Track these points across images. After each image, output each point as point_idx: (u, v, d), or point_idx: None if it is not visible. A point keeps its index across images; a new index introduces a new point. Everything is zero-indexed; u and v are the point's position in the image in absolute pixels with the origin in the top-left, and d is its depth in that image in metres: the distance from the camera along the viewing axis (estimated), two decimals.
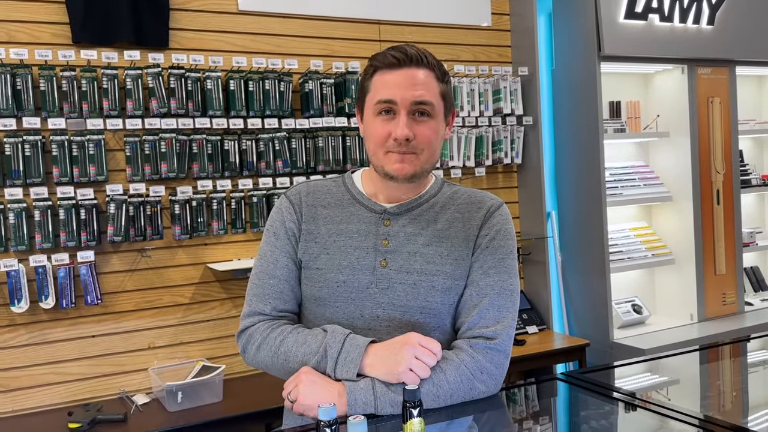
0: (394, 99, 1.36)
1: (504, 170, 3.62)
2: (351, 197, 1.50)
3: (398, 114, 1.37)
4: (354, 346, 1.33)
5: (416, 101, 1.36)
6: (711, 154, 3.76)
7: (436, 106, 1.39)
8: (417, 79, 1.37)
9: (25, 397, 2.62)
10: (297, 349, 1.38)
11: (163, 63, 2.73)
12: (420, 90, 1.37)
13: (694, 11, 3.63)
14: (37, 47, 2.58)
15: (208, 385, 2.60)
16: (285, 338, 1.41)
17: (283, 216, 1.50)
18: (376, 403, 1.29)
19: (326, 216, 1.48)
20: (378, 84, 1.39)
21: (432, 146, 1.41)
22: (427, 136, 1.38)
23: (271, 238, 1.50)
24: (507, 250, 1.44)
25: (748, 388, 1.64)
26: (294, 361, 1.38)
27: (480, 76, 3.42)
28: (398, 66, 1.37)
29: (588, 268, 3.58)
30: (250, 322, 1.47)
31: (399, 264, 1.42)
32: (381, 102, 1.38)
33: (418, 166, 1.40)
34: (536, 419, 1.46)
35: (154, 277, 2.82)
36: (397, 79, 1.37)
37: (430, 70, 1.39)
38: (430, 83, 1.39)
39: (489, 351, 1.37)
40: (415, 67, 1.37)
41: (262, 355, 1.43)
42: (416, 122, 1.38)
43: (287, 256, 1.48)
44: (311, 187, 1.53)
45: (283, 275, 1.47)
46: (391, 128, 1.37)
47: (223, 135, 2.87)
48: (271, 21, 3.03)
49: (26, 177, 2.54)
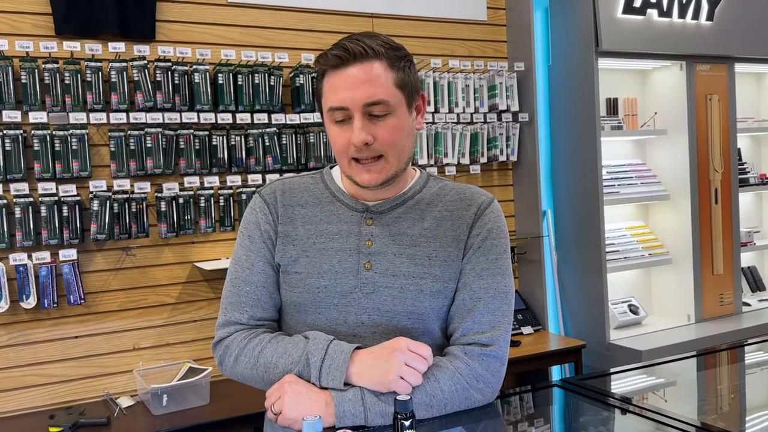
0: (344, 105, 1.25)
1: (499, 168, 3.56)
2: (330, 195, 1.40)
3: (353, 119, 1.26)
4: (338, 353, 1.25)
5: (367, 102, 1.25)
6: (709, 153, 3.72)
7: (392, 102, 1.27)
8: (364, 77, 1.24)
9: (6, 399, 2.54)
10: (277, 359, 1.30)
11: (149, 56, 2.65)
12: (369, 89, 1.24)
13: (693, 7, 3.57)
14: (18, 38, 2.49)
15: (195, 388, 2.53)
16: (264, 348, 1.32)
17: (258, 217, 1.40)
18: (366, 414, 1.22)
19: (304, 216, 1.39)
20: (327, 88, 1.29)
21: (397, 145, 1.30)
22: (387, 137, 1.27)
23: (246, 242, 1.40)
24: (500, 250, 1.36)
25: (748, 395, 1.59)
26: (275, 372, 1.29)
27: (475, 72, 3.35)
28: (342, 65, 1.25)
29: (584, 268, 3.52)
30: (226, 333, 1.38)
31: (384, 266, 1.34)
32: (333, 110, 1.27)
33: (389, 171, 1.30)
34: (534, 428, 1.39)
35: (140, 276, 2.74)
36: (344, 81, 1.25)
37: (379, 60, 1.26)
38: (381, 77, 1.25)
39: (485, 358, 1.30)
40: (359, 63, 1.25)
41: (241, 367, 1.34)
42: (373, 124, 1.27)
43: (263, 261, 1.39)
44: (287, 185, 1.43)
45: (260, 281, 1.38)
46: (348, 135, 1.27)
47: (211, 130, 2.79)
48: (262, 13, 2.95)
49: (6, 173, 2.45)
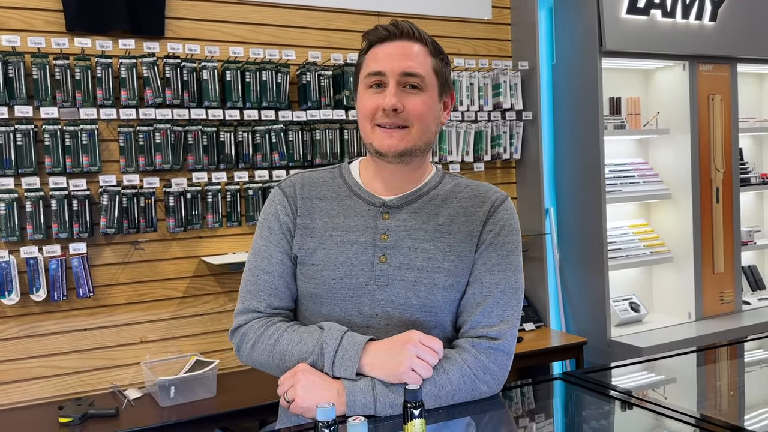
0: (383, 70, 1.33)
1: (503, 166, 3.59)
2: (348, 189, 1.45)
3: (388, 85, 1.33)
4: (352, 344, 1.29)
5: (405, 72, 1.33)
6: (711, 152, 3.74)
7: (427, 79, 1.35)
8: (408, 51, 1.34)
9: (15, 390, 2.57)
10: (293, 347, 1.34)
11: (158, 52, 2.68)
12: (409, 61, 1.33)
13: (696, 7, 3.60)
14: (30, 35, 2.52)
15: (202, 380, 2.56)
16: (280, 336, 1.36)
17: (277, 209, 1.45)
18: (375, 405, 1.25)
19: (322, 209, 1.43)
20: (369, 58, 1.37)
21: (423, 120, 1.35)
22: (417, 108, 1.34)
23: (265, 232, 1.45)
24: (512, 246, 1.40)
25: (746, 389, 1.62)
26: (290, 360, 1.33)
27: (480, 70, 3.38)
28: (389, 39, 1.35)
29: (586, 266, 3.56)
30: (244, 320, 1.43)
31: (399, 260, 1.37)
32: (371, 74, 1.35)
33: (410, 142, 1.35)
34: (538, 419, 1.43)
35: (147, 270, 2.77)
36: (387, 51, 1.35)
37: (423, 45, 1.37)
38: (422, 56, 1.35)
39: (492, 351, 1.34)
40: (406, 40, 1.35)
41: (257, 354, 1.39)
42: (406, 93, 1.34)
43: (282, 252, 1.43)
44: (306, 179, 1.48)
45: (278, 271, 1.42)
46: (379, 100, 1.33)
47: (218, 126, 2.82)
48: (270, 11, 2.98)
49: (18, 167, 2.49)
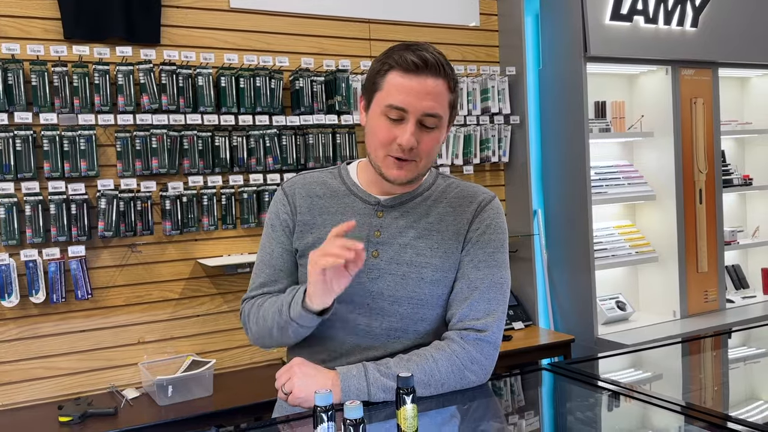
0: (407, 108, 1.35)
1: (491, 168, 3.66)
2: (346, 189, 1.53)
3: (407, 122, 1.36)
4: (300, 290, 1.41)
5: (427, 113, 1.36)
6: (694, 154, 3.83)
7: (443, 119, 1.40)
8: (431, 90, 1.35)
9: (15, 391, 2.62)
10: (269, 307, 1.47)
11: (154, 59, 2.74)
12: (432, 102, 1.35)
13: (678, 13, 3.69)
14: (29, 42, 2.58)
15: (199, 379, 2.62)
16: (263, 303, 1.50)
17: (278, 208, 1.55)
18: (369, 389, 1.33)
19: (321, 206, 1.52)
20: (391, 86, 1.36)
21: (432, 154, 1.43)
22: (428, 147, 1.40)
23: (269, 230, 1.56)
24: (497, 244, 1.48)
25: (729, 377, 1.69)
26: (269, 318, 1.46)
27: (468, 76, 3.46)
28: (416, 72, 1.34)
29: (573, 266, 3.63)
30: (244, 306, 1.57)
31: (390, 255, 1.45)
32: (392, 107, 1.36)
33: (416, 172, 1.43)
34: (525, 407, 1.50)
35: (144, 272, 2.83)
36: (412, 86, 1.34)
37: (445, 80, 1.37)
38: (443, 94, 1.37)
39: (479, 342, 1.41)
40: (431, 76, 1.35)
41: (254, 325, 1.52)
42: (422, 132, 1.38)
43: (282, 247, 1.53)
44: (307, 179, 1.57)
45: (278, 265, 1.53)
46: (397, 133, 1.37)
47: (213, 131, 2.88)
48: (262, 19, 3.05)
49: (17, 171, 2.54)
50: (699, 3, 3.75)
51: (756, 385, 1.67)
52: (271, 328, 1.45)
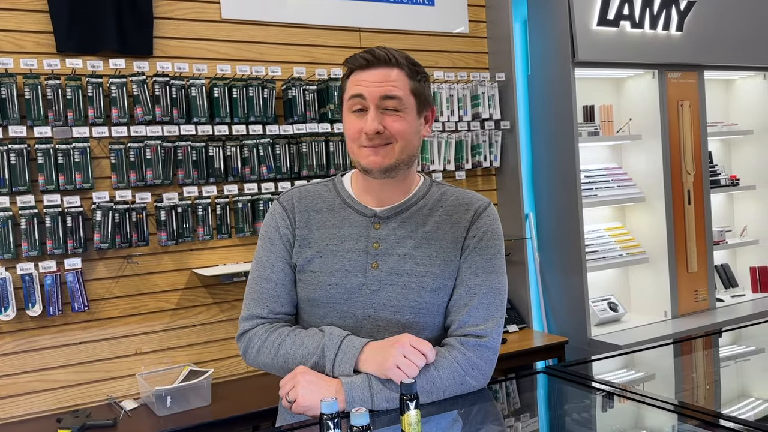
0: (363, 93, 1.42)
1: (483, 173, 3.70)
2: (342, 201, 1.55)
3: (369, 110, 1.43)
4: (350, 347, 1.39)
5: (383, 95, 1.42)
6: (681, 156, 3.89)
7: (404, 100, 1.44)
8: (384, 78, 1.43)
9: (13, 404, 2.62)
10: (295, 351, 1.44)
11: (147, 71, 2.76)
12: (387, 86, 1.43)
13: (663, 18, 3.75)
14: (22, 56, 2.59)
15: (197, 389, 2.63)
16: (283, 341, 1.46)
17: (277, 222, 1.55)
18: (372, 399, 1.35)
19: (319, 221, 1.53)
20: (351, 83, 1.46)
21: (404, 136, 1.45)
22: (396, 127, 1.44)
23: (267, 244, 1.55)
24: (494, 250, 1.50)
25: (720, 376, 1.72)
26: (293, 362, 1.43)
27: (459, 82, 3.49)
28: (368, 66, 1.44)
29: (565, 268, 3.67)
30: (249, 326, 1.53)
31: (389, 266, 1.47)
32: (353, 97, 1.44)
33: (393, 157, 1.45)
34: (524, 411, 1.52)
35: (141, 283, 2.84)
36: (366, 78, 1.43)
37: (400, 69, 1.45)
38: (400, 80, 1.44)
39: (479, 348, 1.43)
40: (383, 67, 1.44)
41: (263, 357, 1.49)
42: (385, 115, 1.43)
43: (283, 261, 1.53)
44: (303, 193, 1.58)
45: (279, 279, 1.53)
46: (362, 124, 1.43)
47: (207, 141, 2.90)
48: (254, 29, 3.07)
49: (12, 185, 2.55)
50: (684, 7, 3.81)
51: (746, 382, 1.70)
52: (290, 369, 1.43)
